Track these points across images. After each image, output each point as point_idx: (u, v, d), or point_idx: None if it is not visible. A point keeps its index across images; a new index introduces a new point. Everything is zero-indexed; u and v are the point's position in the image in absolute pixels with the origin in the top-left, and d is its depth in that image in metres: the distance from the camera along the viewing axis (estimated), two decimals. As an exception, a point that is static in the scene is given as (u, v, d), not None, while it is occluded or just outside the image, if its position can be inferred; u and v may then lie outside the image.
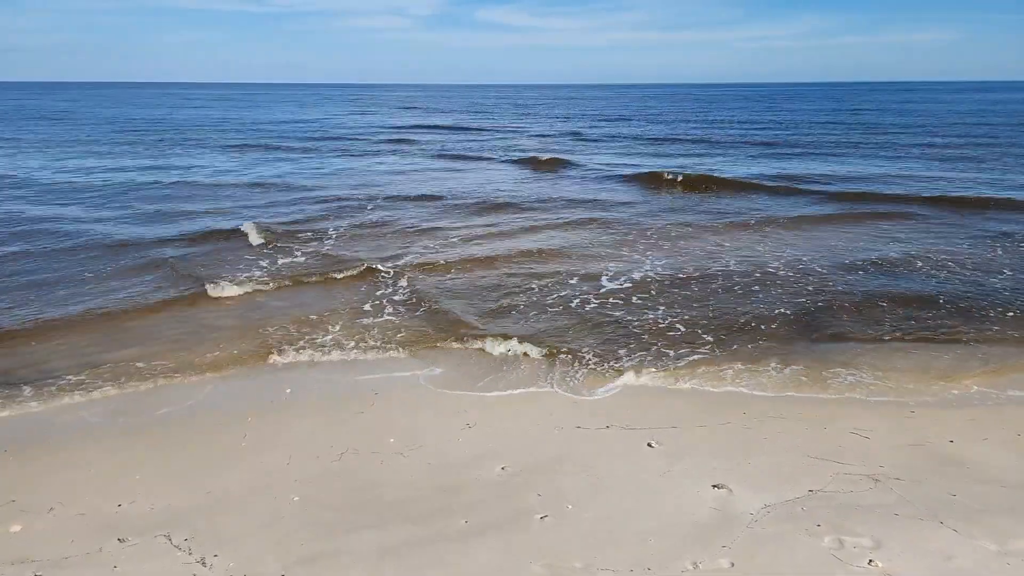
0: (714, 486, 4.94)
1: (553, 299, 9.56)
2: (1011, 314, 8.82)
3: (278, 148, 30.91)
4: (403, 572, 4.10)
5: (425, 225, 14.73)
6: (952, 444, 5.54)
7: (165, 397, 6.73)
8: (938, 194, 17.39)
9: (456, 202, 17.55)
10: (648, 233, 13.84)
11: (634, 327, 8.47)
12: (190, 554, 4.27)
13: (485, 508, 4.74)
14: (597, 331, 8.35)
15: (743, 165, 24.27)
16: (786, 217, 15.23)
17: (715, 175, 20.78)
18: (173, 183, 20.22)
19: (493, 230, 14.28)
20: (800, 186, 19.33)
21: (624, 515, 4.62)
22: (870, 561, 4.08)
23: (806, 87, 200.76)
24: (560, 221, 15.13)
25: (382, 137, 37.60)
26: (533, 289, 10.01)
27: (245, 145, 32.07)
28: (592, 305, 9.30)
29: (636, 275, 10.60)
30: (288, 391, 6.09)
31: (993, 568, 4.04)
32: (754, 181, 20.09)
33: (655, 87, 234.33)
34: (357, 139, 36.29)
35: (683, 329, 8.40)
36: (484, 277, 10.66)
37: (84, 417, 6.31)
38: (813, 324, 8.59)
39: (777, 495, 4.80)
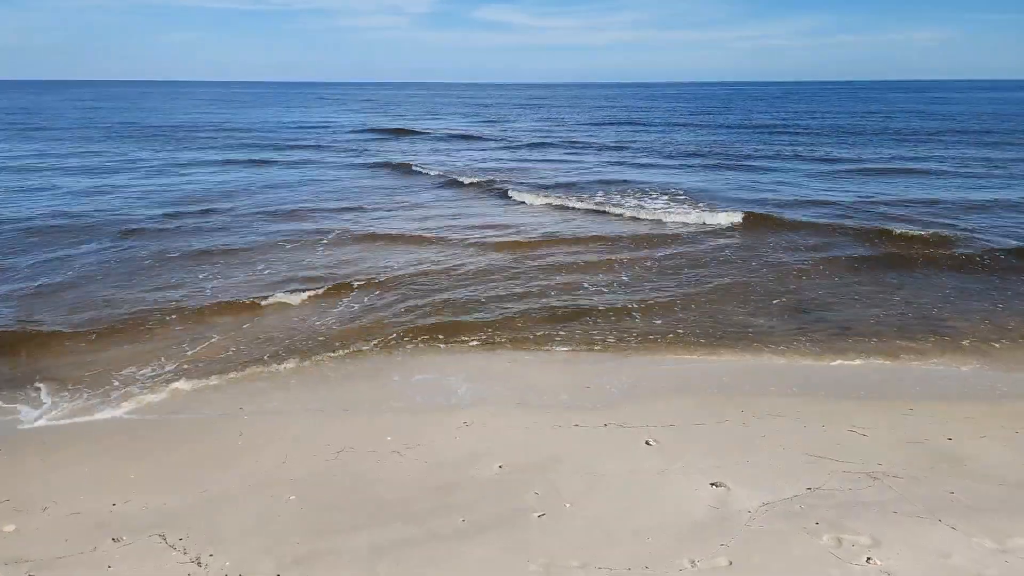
0: (712, 484, 4.92)
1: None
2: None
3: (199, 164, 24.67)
4: (401, 571, 4.08)
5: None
6: (950, 442, 5.53)
7: (160, 396, 6.69)
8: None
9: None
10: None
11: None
12: (185, 553, 4.24)
13: (482, 507, 4.71)
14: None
15: (805, 187, 19.06)
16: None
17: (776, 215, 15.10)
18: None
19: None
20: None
21: (622, 513, 4.59)
22: (868, 559, 4.06)
23: (806, 85, 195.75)
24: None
25: (338, 142, 33.63)
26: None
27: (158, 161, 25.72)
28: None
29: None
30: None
31: (991, 566, 4.02)
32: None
33: (657, 85, 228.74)
34: (295, 145, 32.02)
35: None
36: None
37: (78, 417, 6.27)
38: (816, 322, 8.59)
39: (775, 493, 4.78)
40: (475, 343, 8.03)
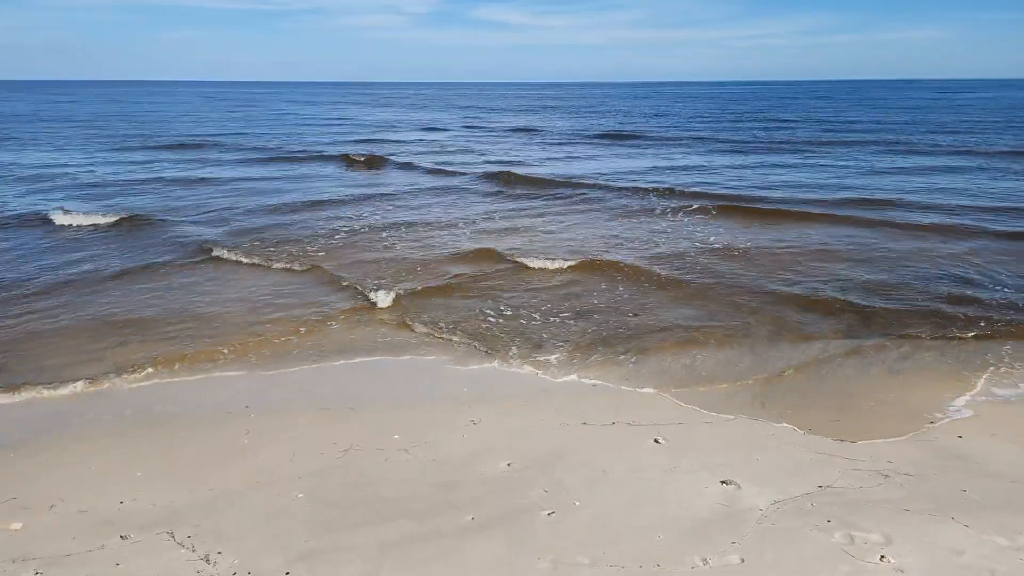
0: (722, 482, 4.90)
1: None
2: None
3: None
4: (408, 569, 4.06)
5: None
6: (960, 440, 5.50)
7: (166, 393, 6.67)
8: None
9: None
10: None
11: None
12: (193, 551, 4.22)
13: (490, 504, 4.69)
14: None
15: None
16: None
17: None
18: None
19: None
20: None
21: (631, 511, 4.57)
22: (881, 557, 4.04)
23: (811, 85, 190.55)
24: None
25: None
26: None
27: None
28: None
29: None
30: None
31: (1004, 563, 4.00)
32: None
33: (660, 85, 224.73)
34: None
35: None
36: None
37: (85, 414, 6.25)
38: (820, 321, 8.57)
39: (786, 491, 4.76)
40: (479, 341, 8.00)
